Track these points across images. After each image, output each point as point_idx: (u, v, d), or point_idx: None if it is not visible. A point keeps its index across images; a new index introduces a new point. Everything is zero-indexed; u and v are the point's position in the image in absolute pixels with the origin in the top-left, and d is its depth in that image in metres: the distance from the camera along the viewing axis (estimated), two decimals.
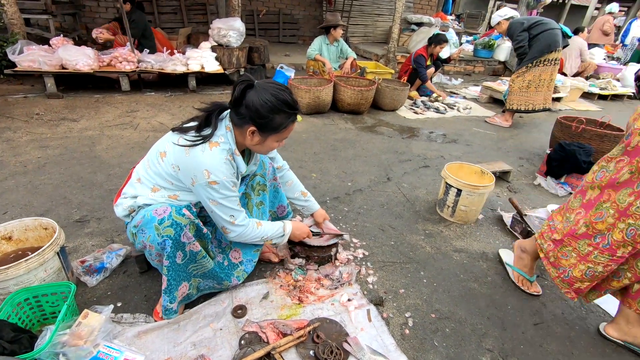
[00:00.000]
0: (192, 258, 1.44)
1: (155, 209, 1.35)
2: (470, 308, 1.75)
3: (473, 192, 2.29)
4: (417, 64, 5.34)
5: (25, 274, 1.38)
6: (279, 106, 1.32)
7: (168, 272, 1.39)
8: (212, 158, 1.32)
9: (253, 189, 1.71)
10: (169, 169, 1.38)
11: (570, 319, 1.74)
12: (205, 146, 1.32)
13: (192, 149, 1.32)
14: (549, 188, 3.02)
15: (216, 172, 1.32)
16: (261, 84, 1.34)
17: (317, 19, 9.29)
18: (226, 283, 1.63)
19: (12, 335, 1.21)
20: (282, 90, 1.34)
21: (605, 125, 3.51)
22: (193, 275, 1.50)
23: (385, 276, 1.91)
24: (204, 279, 1.57)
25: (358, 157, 3.39)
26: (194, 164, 1.32)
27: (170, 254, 1.36)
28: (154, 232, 1.33)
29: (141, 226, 1.37)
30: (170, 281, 1.42)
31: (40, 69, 4.09)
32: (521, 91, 4.39)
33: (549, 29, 4.04)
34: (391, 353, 1.46)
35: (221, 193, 1.37)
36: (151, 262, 1.51)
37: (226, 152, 1.36)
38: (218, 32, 4.97)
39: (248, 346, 1.40)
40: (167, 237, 1.32)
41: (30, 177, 2.57)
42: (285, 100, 1.33)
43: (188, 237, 1.37)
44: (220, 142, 1.35)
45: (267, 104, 1.31)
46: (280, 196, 1.90)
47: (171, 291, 1.44)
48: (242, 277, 1.69)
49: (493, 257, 2.14)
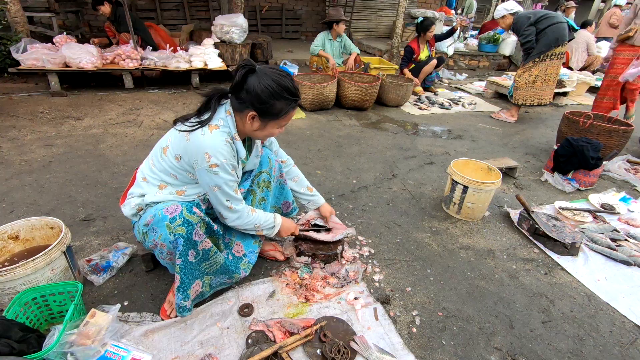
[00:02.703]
0: (205, 256, 1.44)
1: (165, 207, 1.35)
2: (478, 306, 1.74)
3: (480, 189, 2.26)
4: (404, 54, 5.38)
5: (33, 274, 1.38)
6: (280, 92, 1.31)
7: (181, 270, 1.40)
8: (212, 140, 1.32)
9: (258, 185, 1.70)
10: (173, 161, 1.39)
11: (579, 317, 1.72)
12: (205, 129, 1.32)
13: (192, 134, 1.32)
14: (556, 184, 2.99)
15: (216, 154, 1.32)
16: (263, 69, 1.33)
17: (320, 14, 9.23)
18: (237, 276, 1.64)
19: (21, 335, 1.22)
20: (283, 76, 1.33)
21: (613, 120, 3.46)
22: (206, 273, 1.51)
23: (392, 274, 1.89)
24: (216, 276, 1.57)
25: (363, 153, 3.37)
26: (195, 147, 1.31)
27: (182, 252, 1.36)
28: (165, 230, 1.33)
29: (152, 225, 1.37)
30: (183, 279, 1.42)
31: (44, 67, 4.10)
32: (527, 86, 4.34)
33: (556, 23, 3.99)
34: (398, 352, 1.45)
35: (220, 177, 1.36)
36: (161, 261, 1.51)
37: (226, 135, 1.36)
38: (221, 29, 4.95)
39: (255, 345, 1.40)
40: (179, 236, 1.32)
41: (35, 176, 2.57)
42: (286, 86, 1.32)
43: (199, 235, 1.37)
44: (220, 125, 1.35)
45: (268, 89, 1.29)
46: (286, 193, 1.89)
47: (184, 289, 1.44)
48: (248, 268, 1.69)
49: (500, 254, 2.13)
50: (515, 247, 2.20)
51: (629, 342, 1.61)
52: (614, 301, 1.82)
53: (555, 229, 2.21)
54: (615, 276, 2.00)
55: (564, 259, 2.10)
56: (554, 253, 2.14)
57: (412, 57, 5.34)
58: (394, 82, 4.76)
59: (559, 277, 1.98)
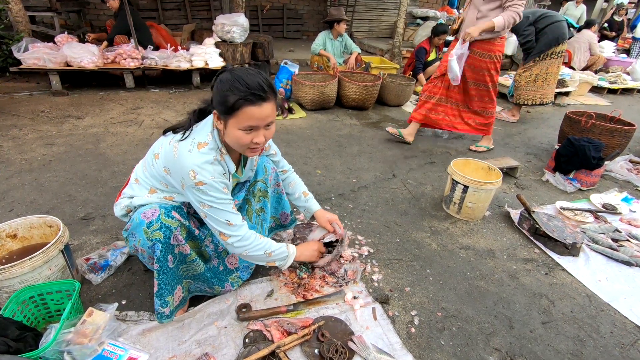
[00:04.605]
0: (182, 259, 1.41)
1: (144, 212, 1.31)
2: (477, 306, 1.73)
3: (480, 188, 2.25)
4: (416, 57, 5.35)
5: (30, 272, 1.38)
6: (234, 83, 1.19)
7: (159, 276, 1.36)
8: (199, 158, 1.25)
9: (254, 195, 1.66)
10: (161, 172, 1.34)
11: (580, 317, 1.71)
12: (194, 146, 1.27)
13: (179, 150, 1.26)
14: (557, 184, 2.97)
15: (202, 172, 1.25)
16: (234, 68, 1.27)
17: (321, 14, 9.22)
18: (217, 288, 1.59)
19: (17, 334, 1.21)
20: (247, 71, 1.22)
21: (615, 120, 3.44)
22: (184, 277, 1.48)
23: (391, 274, 1.89)
24: (194, 281, 1.54)
25: (363, 153, 3.36)
26: (181, 165, 1.25)
27: (160, 258, 1.33)
28: (143, 235, 1.30)
29: (131, 230, 1.35)
30: (161, 285, 1.38)
31: (45, 67, 4.10)
32: (528, 85, 4.33)
33: (555, 22, 3.98)
34: (397, 352, 1.44)
35: (210, 195, 1.28)
36: (146, 265, 1.49)
37: (214, 152, 1.30)
38: (222, 28, 4.95)
39: (252, 344, 1.39)
40: (156, 241, 1.30)
41: (35, 175, 2.58)
42: (241, 78, 1.19)
43: (178, 240, 1.34)
44: (209, 140, 1.30)
45: (223, 82, 1.22)
46: (284, 203, 1.84)
47: (162, 295, 1.40)
48: (236, 283, 1.65)
49: (500, 254, 2.11)
50: (516, 247, 2.19)
51: (630, 343, 1.59)
52: (615, 302, 1.81)
53: (556, 229, 2.20)
54: (617, 277, 1.98)
55: (565, 259, 2.09)
56: (555, 253, 2.12)
57: (425, 57, 5.34)
58: (395, 81, 4.75)
59: (559, 277, 1.97)
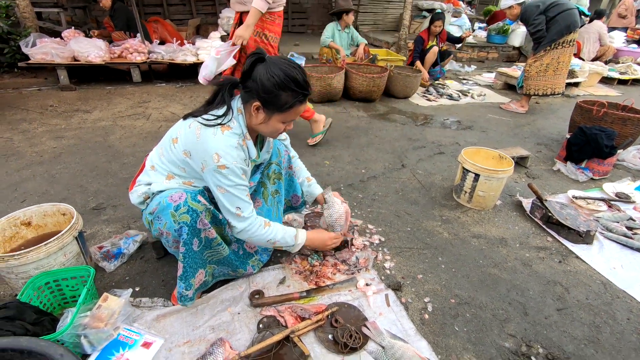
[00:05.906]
0: (208, 244, 1.42)
1: (170, 195, 1.33)
2: (491, 293, 1.71)
3: (491, 176, 2.23)
4: (414, 46, 5.39)
5: (45, 258, 1.39)
6: (287, 82, 1.24)
7: (184, 259, 1.37)
8: (224, 142, 1.27)
9: (269, 177, 1.67)
10: (181, 155, 1.35)
11: (595, 304, 1.69)
12: (217, 130, 1.28)
13: (203, 133, 1.27)
14: (569, 173, 2.93)
15: (226, 155, 1.27)
16: (272, 58, 1.28)
17: (326, 7, 9.15)
18: (241, 271, 1.62)
19: (35, 317, 1.23)
20: (293, 67, 1.27)
21: (628, 108, 3.38)
22: (208, 261, 1.49)
23: (403, 262, 1.88)
24: (218, 266, 1.55)
25: (371, 144, 3.34)
26: (205, 148, 1.27)
27: (187, 241, 1.34)
28: (170, 218, 1.31)
29: (157, 213, 1.36)
30: (186, 268, 1.39)
31: (53, 61, 4.13)
32: (539, 75, 4.26)
33: (566, 10, 3.90)
34: (411, 337, 1.44)
35: (230, 180, 1.31)
36: (168, 249, 1.50)
37: (237, 137, 1.31)
38: (227, 22, 4.95)
39: (266, 329, 1.39)
40: (183, 224, 1.30)
41: (46, 167, 2.59)
42: (294, 77, 1.25)
43: (204, 224, 1.35)
44: (233, 125, 1.31)
45: (273, 78, 1.23)
46: (295, 185, 1.85)
47: (187, 278, 1.42)
48: (257, 266, 1.68)
49: (513, 242, 2.09)
50: (528, 236, 2.17)
51: None
52: (631, 289, 1.78)
53: (569, 217, 2.17)
54: (632, 264, 1.96)
55: (579, 247, 2.06)
56: (568, 241, 2.10)
57: (422, 46, 5.31)
58: (402, 73, 4.71)
59: (573, 265, 1.95)
